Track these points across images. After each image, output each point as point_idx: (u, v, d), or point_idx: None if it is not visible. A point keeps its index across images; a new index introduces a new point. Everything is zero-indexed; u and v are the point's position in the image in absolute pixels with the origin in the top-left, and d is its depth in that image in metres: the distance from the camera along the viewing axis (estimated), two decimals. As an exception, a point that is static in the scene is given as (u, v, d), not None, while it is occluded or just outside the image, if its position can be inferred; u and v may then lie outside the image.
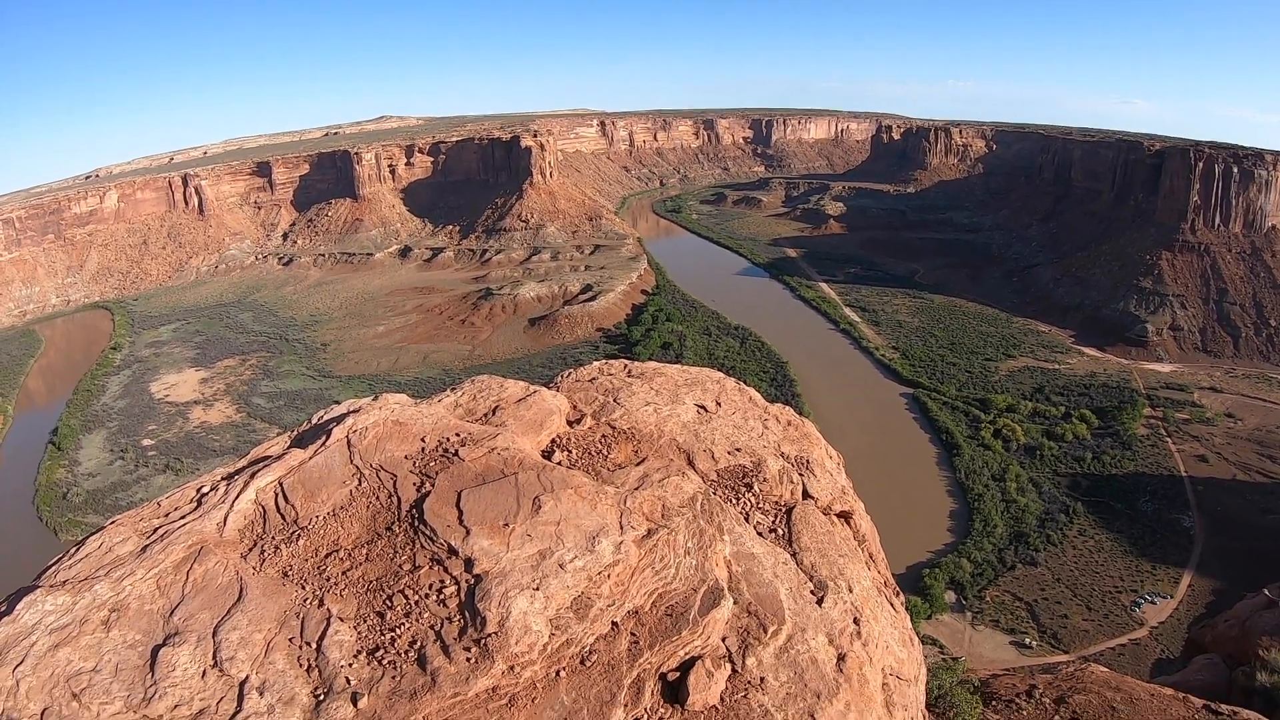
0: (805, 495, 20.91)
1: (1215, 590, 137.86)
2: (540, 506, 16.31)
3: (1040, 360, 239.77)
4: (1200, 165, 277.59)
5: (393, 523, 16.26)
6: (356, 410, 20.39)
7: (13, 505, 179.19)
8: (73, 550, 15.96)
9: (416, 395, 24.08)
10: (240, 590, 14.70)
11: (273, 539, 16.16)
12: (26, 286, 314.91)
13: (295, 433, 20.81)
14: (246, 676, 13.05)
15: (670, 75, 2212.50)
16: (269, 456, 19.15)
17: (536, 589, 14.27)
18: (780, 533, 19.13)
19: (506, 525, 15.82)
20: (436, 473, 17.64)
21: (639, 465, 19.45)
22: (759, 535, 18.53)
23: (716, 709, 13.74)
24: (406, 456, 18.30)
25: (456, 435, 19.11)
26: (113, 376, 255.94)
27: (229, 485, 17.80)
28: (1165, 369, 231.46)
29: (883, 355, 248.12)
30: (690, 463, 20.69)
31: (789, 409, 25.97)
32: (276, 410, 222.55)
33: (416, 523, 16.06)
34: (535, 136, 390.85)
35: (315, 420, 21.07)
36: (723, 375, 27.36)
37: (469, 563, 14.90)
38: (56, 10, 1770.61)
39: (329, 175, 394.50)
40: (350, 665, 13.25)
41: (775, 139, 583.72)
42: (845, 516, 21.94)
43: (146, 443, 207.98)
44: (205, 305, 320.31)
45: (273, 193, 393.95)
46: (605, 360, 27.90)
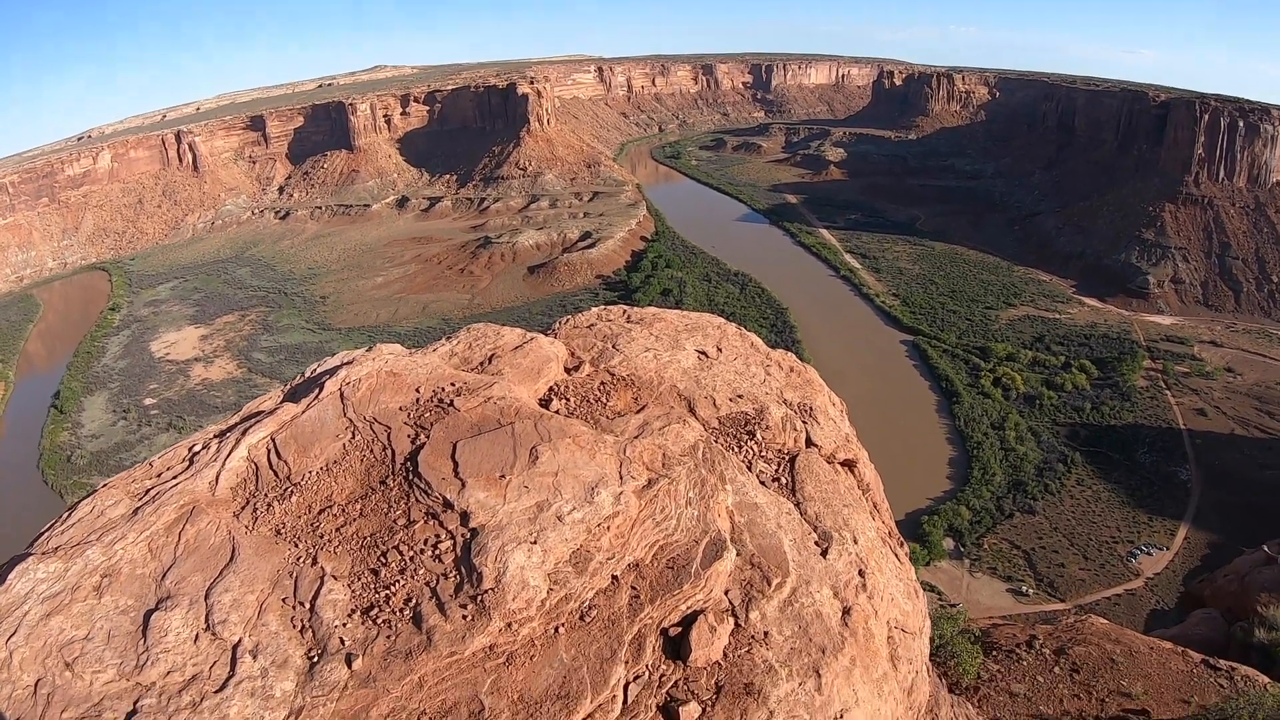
0: (809, 443, 20.49)
1: (1211, 544, 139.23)
2: (537, 457, 15.86)
3: (1041, 309, 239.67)
4: (1205, 118, 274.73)
5: (387, 476, 15.83)
6: (350, 362, 19.86)
7: (18, 470, 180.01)
8: (65, 515, 15.61)
9: (416, 345, 23.62)
10: (233, 551, 14.32)
11: (265, 496, 15.75)
12: (22, 251, 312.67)
13: (288, 387, 20.34)
14: (239, 639, 12.71)
15: (669, 20, 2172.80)
16: (261, 412, 18.70)
17: (534, 542, 13.86)
18: (784, 482, 18.72)
19: (503, 477, 15.38)
20: (431, 424, 17.17)
21: (639, 413, 18.99)
22: (762, 484, 18.10)
23: (719, 664, 13.40)
24: (401, 408, 17.82)
25: (451, 385, 18.61)
26: (112, 337, 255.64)
27: (221, 443, 17.35)
28: (1166, 321, 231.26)
29: (883, 302, 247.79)
30: (691, 410, 20.23)
31: (791, 355, 25.50)
32: (277, 364, 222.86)
33: (411, 476, 15.62)
34: (532, 83, 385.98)
35: (309, 373, 20.58)
36: (724, 320, 26.83)
37: (465, 516, 14.48)
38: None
39: (324, 127, 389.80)
40: (344, 625, 12.90)
41: (775, 84, 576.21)
42: (849, 465, 21.54)
43: (148, 402, 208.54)
44: (203, 262, 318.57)
45: (267, 146, 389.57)
46: (604, 306, 27.35)
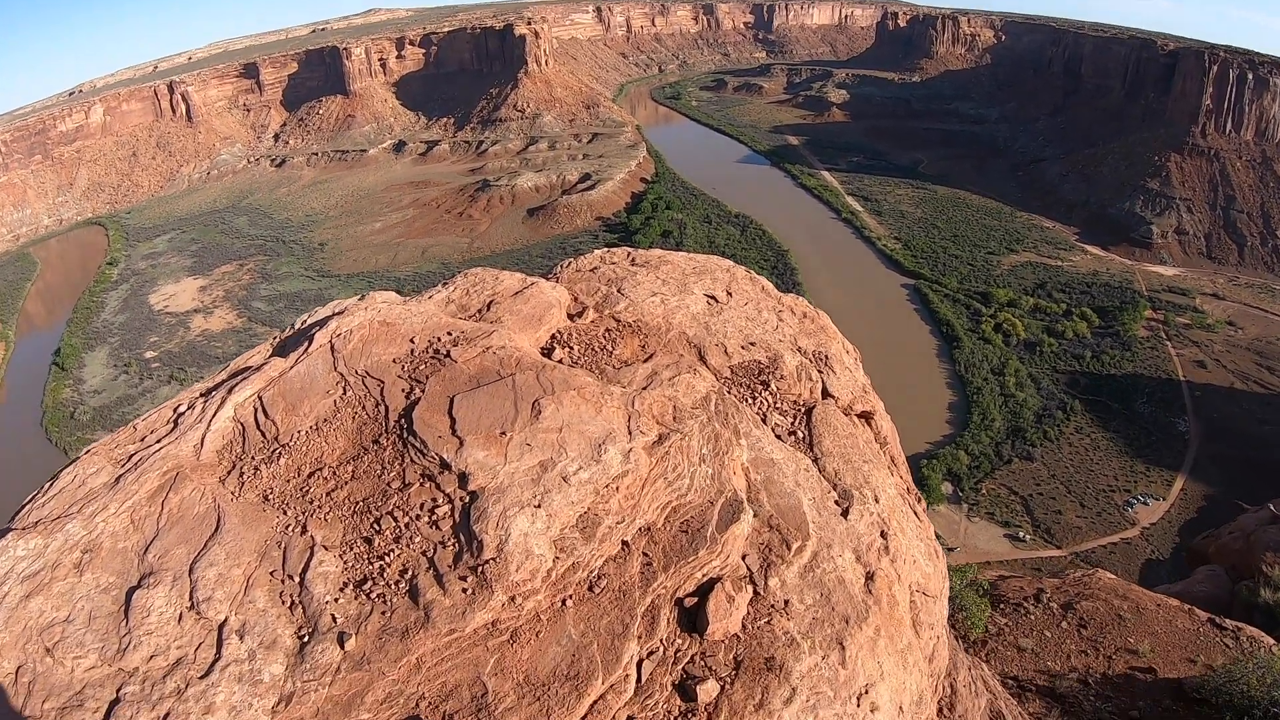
0: (825, 394, 19.48)
1: (1207, 496, 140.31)
2: (540, 411, 14.79)
3: (1043, 256, 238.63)
4: (1214, 69, 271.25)
5: (380, 435, 14.78)
6: (341, 312, 18.69)
7: (22, 428, 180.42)
8: (46, 486, 14.63)
9: (416, 290, 22.61)
10: (218, 520, 13.32)
11: (252, 459, 14.72)
12: (17, 210, 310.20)
13: (277, 340, 19.24)
14: (225, 618, 11.79)
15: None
16: (249, 368, 17.59)
17: (538, 506, 12.85)
18: (800, 435, 17.71)
19: (503, 434, 14.33)
20: (427, 377, 16.08)
21: (646, 361, 17.89)
22: (777, 439, 17.08)
23: (738, 637, 12.45)
24: (395, 360, 16.70)
25: (448, 334, 17.47)
26: (111, 292, 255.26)
27: (206, 403, 16.26)
28: (1168, 272, 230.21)
29: (884, 245, 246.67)
30: (701, 358, 19.16)
31: (803, 300, 24.44)
32: (277, 313, 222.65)
33: (405, 434, 14.56)
34: (529, 24, 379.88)
35: (298, 325, 19.46)
36: (732, 263, 25.70)
37: (463, 478, 13.46)
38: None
39: (318, 73, 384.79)
40: (336, 600, 11.96)
41: (777, 24, 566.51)
42: (866, 417, 20.55)
43: (149, 355, 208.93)
44: (199, 213, 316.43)
45: (261, 94, 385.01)
46: (607, 249, 26.19)
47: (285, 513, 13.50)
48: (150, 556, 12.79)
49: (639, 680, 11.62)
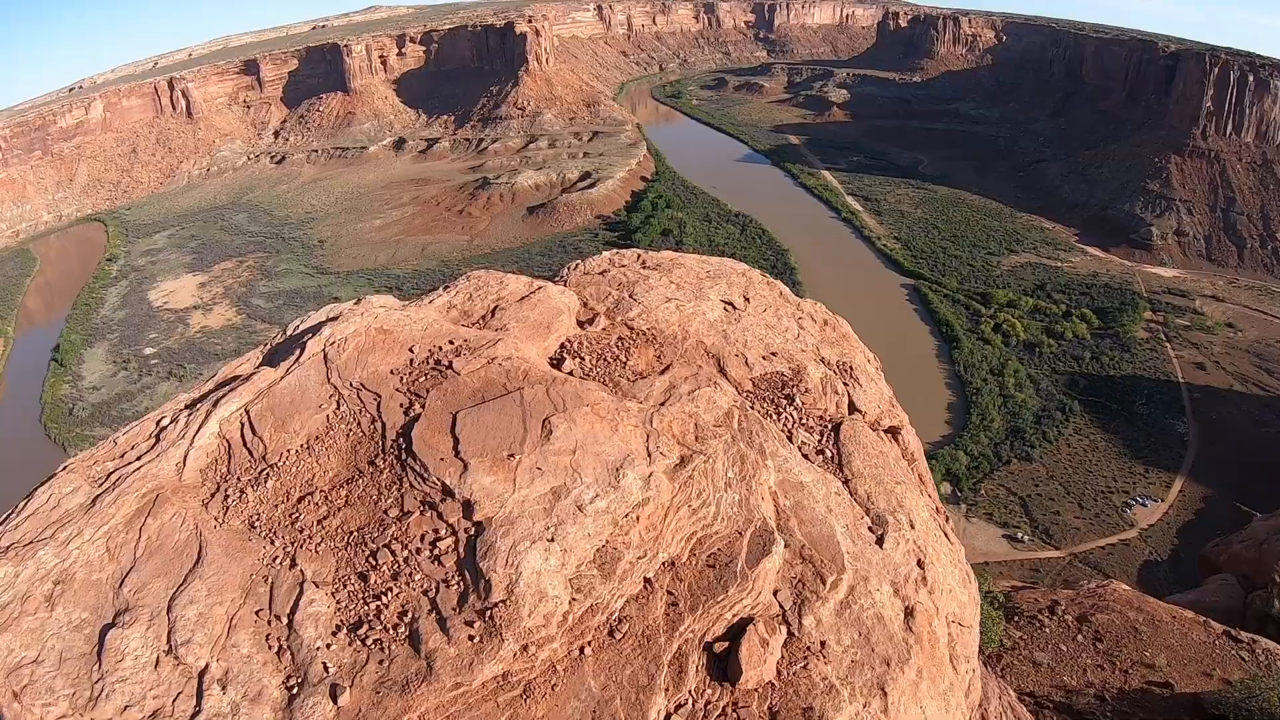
0: (852, 408, 18.24)
1: (1205, 498, 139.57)
2: (551, 430, 13.53)
3: (1043, 257, 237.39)
4: (1215, 71, 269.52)
5: (376, 455, 13.51)
6: (335, 318, 17.34)
7: (20, 425, 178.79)
8: (20, 505, 13.40)
9: (416, 289, 21.40)
10: (199, 550, 12.08)
11: (238, 481, 13.47)
12: (17, 206, 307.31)
13: (268, 346, 17.94)
14: (206, 665, 10.60)
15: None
16: (238, 377, 16.32)
17: (551, 540, 11.57)
18: (829, 454, 16.42)
19: (511, 456, 13.07)
20: (427, 391, 14.80)
21: (663, 373, 16.57)
22: (805, 458, 15.80)
23: (773, 684, 11.19)
24: (392, 371, 15.44)
25: (450, 343, 16.18)
26: (110, 288, 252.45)
27: (190, 416, 14.99)
28: (1168, 274, 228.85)
29: (884, 245, 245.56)
30: (721, 370, 17.80)
31: (821, 305, 23.29)
32: (276, 310, 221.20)
33: (404, 455, 13.31)
34: (530, 22, 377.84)
35: (290, 330, 18.15)
36: (747, 267, 24.55)
37: (468, 506, 12.20)
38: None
39: (319, 70, 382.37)
40: (328, 646, 10.73)
41: (778, 24, 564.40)
42: (893, 432, 19.32)
43: (148, 352, 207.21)
44: (199, 209, 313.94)
45: (262, 91, 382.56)
46: (616, 250, 24.88)
47: (272, 542, 12.28)
48: (126, 590, 11.60)
49: (666, 739, 10.35)
